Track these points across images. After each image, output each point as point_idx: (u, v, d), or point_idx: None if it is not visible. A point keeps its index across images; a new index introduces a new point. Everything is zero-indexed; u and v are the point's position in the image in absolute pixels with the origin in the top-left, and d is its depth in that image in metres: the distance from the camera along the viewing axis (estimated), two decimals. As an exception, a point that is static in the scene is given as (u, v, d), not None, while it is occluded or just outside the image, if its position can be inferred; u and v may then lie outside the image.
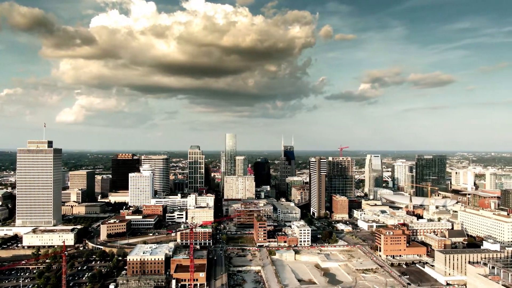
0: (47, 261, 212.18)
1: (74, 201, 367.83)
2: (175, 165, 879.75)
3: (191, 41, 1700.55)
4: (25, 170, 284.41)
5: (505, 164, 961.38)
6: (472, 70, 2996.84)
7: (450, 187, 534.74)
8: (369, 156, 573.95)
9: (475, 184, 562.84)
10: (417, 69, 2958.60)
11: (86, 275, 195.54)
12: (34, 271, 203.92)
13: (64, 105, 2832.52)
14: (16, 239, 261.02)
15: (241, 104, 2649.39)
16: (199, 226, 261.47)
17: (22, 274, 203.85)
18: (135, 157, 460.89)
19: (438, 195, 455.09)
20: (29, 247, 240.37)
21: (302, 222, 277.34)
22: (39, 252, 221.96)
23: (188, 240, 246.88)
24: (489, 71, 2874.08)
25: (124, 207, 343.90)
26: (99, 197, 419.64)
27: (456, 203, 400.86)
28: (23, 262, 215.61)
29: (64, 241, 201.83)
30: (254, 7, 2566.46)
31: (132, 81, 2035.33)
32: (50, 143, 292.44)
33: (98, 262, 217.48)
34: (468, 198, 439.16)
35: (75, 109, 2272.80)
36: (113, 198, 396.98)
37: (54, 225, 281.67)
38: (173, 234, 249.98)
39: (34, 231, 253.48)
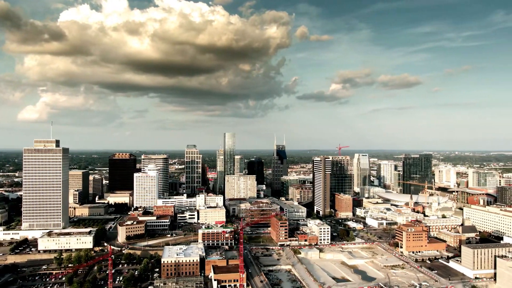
0: (70, 265, 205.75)
1: (73, 203, 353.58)
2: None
3: (166, 38, 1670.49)
4: (32, 171, 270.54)
5: (471, 163, 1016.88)
6: (438, 72, 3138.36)
7: (434, 184, 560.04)
8: (357, 155, 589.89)
9: (456, 182, 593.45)
10: (385, 70, 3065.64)
11: (118, 279, 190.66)
12: (60, 276, 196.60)
13: (27, 103, 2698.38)
14: (27, 243, 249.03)
15: (213, 103, 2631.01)
16: (220, 226, 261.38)
17: (47, 279, 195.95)
18: (132, 157, 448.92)
19: (425, 193, 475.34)
20: (44, 251, 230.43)
21: (318, 221, 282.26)
22: (62, 256, 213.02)
23: (210, 241, 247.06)
24: (454, 73, 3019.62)
25: (133, 208, 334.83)
26: (96, 198, 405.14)
27: (448, 200, 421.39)
28: (44, 267, 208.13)
29: (110, 246, 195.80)
30: (230, 7, 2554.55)
31: (102, 78, 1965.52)
32: (57, 143, 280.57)
33: (125, 265, 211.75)
34: (456, 195, 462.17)
35: (38, 107, 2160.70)
36: (112, 199, 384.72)
37: (63, 228, 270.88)
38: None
39: (49, 234, 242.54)
